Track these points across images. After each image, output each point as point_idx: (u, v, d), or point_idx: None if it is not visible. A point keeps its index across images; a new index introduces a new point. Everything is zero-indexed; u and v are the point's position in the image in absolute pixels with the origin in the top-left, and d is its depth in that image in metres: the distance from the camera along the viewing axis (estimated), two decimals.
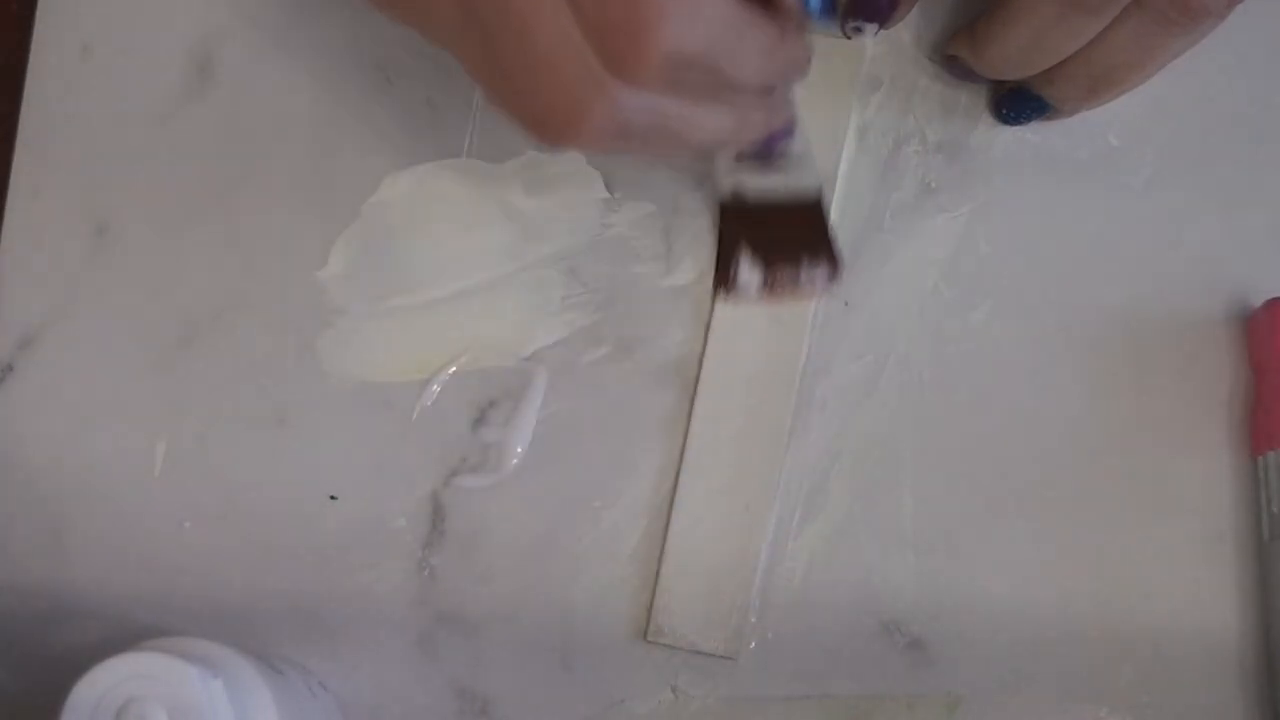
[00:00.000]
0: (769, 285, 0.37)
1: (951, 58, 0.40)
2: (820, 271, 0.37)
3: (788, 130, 0.36)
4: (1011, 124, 0.41)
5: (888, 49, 0.41)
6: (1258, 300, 0.40)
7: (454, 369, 0.41)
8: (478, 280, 0.41)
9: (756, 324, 0.40)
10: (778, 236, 0.37)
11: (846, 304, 0.41)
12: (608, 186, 0.41)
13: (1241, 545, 0.40)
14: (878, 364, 0.41)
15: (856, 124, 0.41)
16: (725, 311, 0.41)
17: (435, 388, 0.41)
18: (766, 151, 0.36)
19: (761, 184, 0.37)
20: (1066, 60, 0.37)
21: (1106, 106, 0.39)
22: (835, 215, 0.41)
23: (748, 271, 0.37)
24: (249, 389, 0.41)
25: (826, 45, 0.41)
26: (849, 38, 0.41)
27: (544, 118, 0.30)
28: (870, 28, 0.40)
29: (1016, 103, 0.40)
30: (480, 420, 0.41)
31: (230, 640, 0.36)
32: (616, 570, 0.41)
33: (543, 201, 0.42)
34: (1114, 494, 0.40)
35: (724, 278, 0.37)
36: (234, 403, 0.41)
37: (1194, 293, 0.41)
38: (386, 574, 0.41)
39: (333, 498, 0.41)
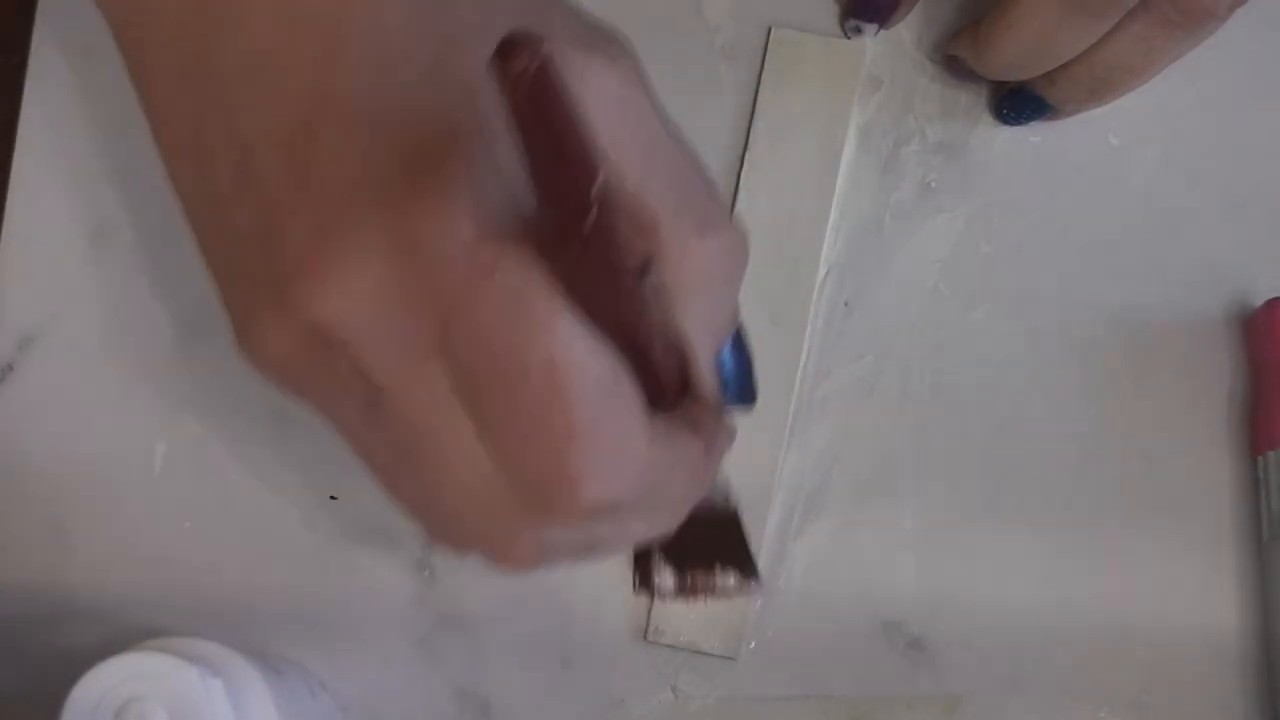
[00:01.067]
0: (686, 590, 0.38)
1: (952, 58, 0.40)
2: (735, 581, 0.37)
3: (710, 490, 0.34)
4: (1012, 124, 0.41)
5: (888, 49, 0.41)
6: (1258, 300, 0.40)
7: None
8: None
9: (757, 324, 0.40)
10: (695, 547, 0.37)
11: (846, 304, 0.41)
12: None
13: (1241, 545, 0.40)
14: (878, 364, 0.41)
15: (857, 124, 0.41)
16: None
17: None
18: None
19: None
20: (1068, 62, 0.37)
21: (1106, 106, 0.39)
22: (835, 215, 0.41)
23: (664, 577, 0.37)
24: (249, 389, 0.41)
25: (827, 45, 0.41)
26: (849, 38, 0.41)
27: (461, 543, 0.28)
28: (870, 28, 0.41)
29: (1017, 103, 0.40)
30: None
31: (230, 640, 0.36)
32: (616, 570, 0.40)
33: None
34: (1114, 494, 0.40)
35: (641, 580, 0.38)
36: (234, 403, 0.41)
37: (1194, 293, 0.41)
38: (386, 574, 0.41)
39: (333, 498, 0.41)
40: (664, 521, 0.31)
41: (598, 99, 0.25)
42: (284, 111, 0.26)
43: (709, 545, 0.37)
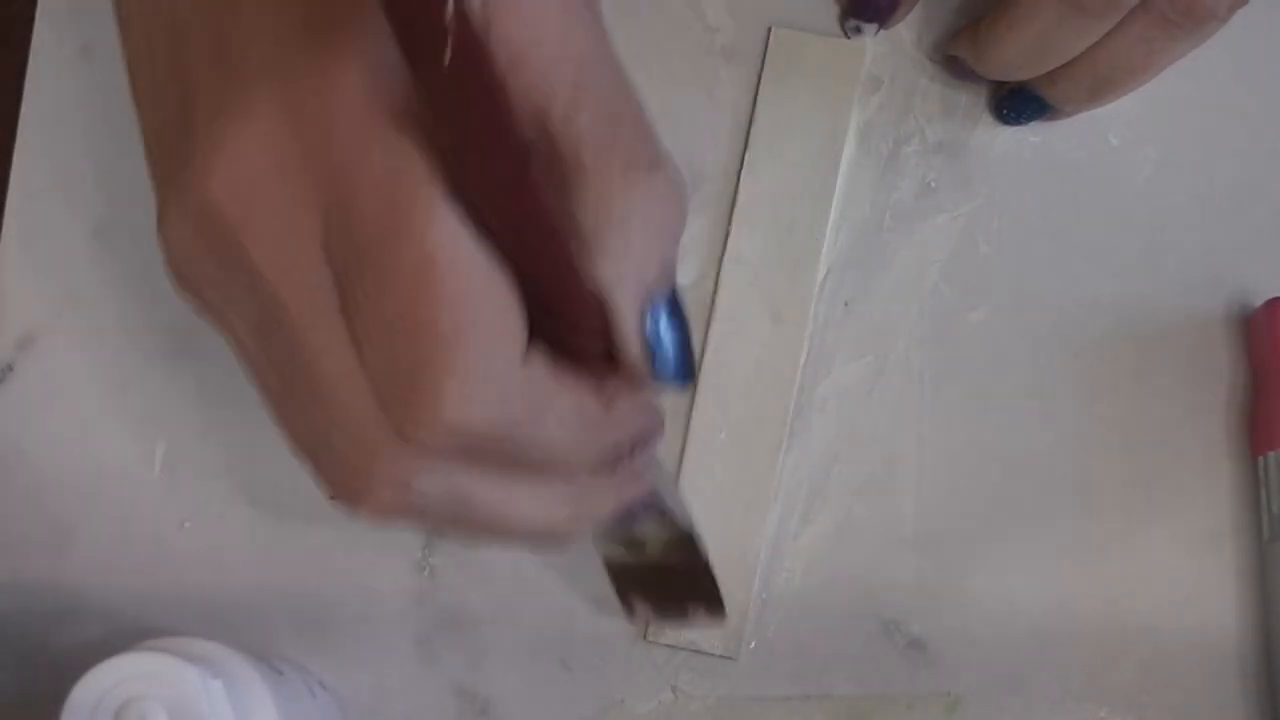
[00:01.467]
0: (661, 620, 0.39)
1: (952, 58, 0.40)
2: (703, 613, 0.38)
3: (644, 504, 0.32)
4: (1012, 124, 0.41)
5: (888, 49, 0.41)
6: (1258, 300, 0.40)
7: None
8: None
9: (756, 324, 0.40)
10: (663, 584, 0.37)
11: (846, 304, 0.41)
12: None
13: (1241, 545, 0.40)
14: (878, 364, 0.41)
15: (857, 124, 0.41)
16: (725, 311, 0.41)
17: None
18: (624, 524, 0.33)
19: (634, 543, 0.35)
20: (1069, 62, 0.37)
21: (1107, 106, 0.39)
22: (835, 215, 0.41)
23: (642, 612, 0.39)
24: (249, 389, 0.41)
25: (827, 45, 0.41)
26: (849, 38, 0.41)
27: (329, 478, 0.27)
28: (870, 28, 0.41)
29: (1017, 103, 0.40)
30: None
31: (230, 640, 0.36)
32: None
33: None
34: (1114, 494, 0.40)
35: (627, 612, 0.39)
36: (234, 403, 0.41)
37: (1194, 293, 0.41)
38: (386, 574, 0.41)
39: (333, 498, 0.41)
40: (560, 506, 0.28)
41: (530, 18, 0.24)
42: None
43: (675, 585, 0.37)
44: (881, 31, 0.41)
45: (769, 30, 0.41)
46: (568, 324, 0.25)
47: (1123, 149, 0.41)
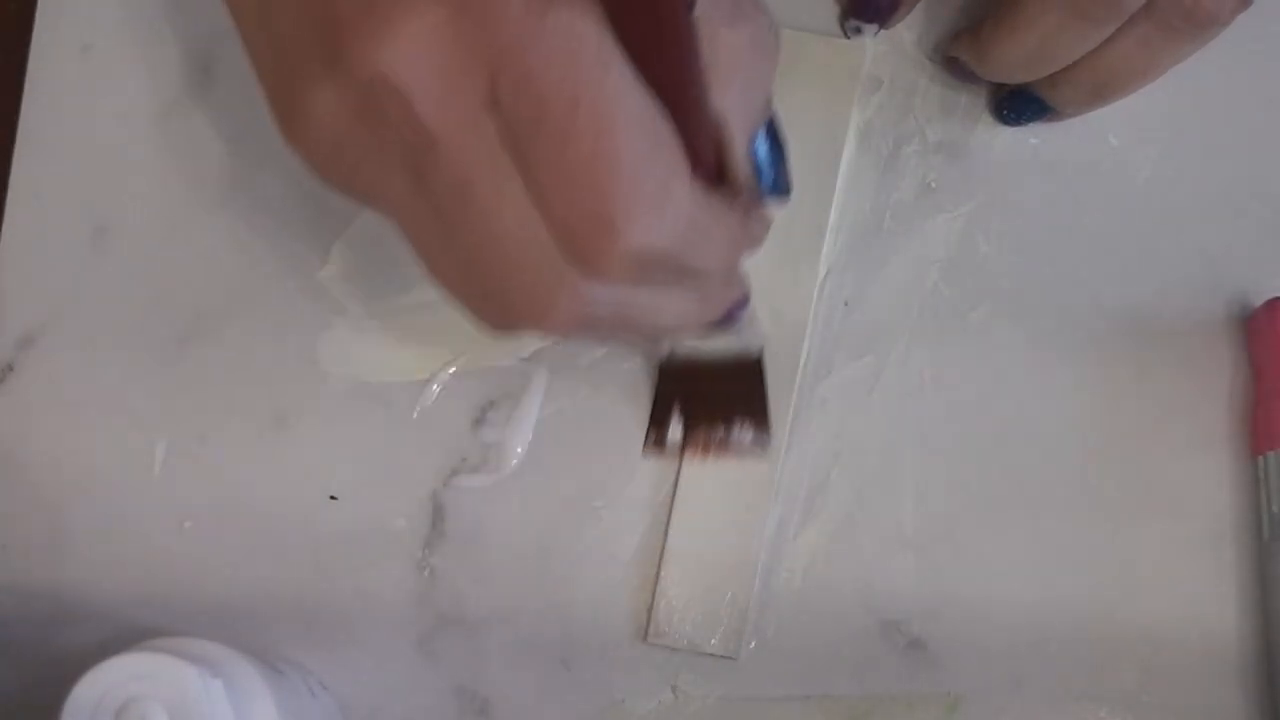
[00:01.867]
0: (698, 446, 0.39)
1: (953, 59, 0.40)
2: (750, 435, 0.38)
3: (744, 302, 0.35)
4: (1012, 125, 0.41)
5: (888, 49, 0.41)
6: (1258, 300, 0.40)
7: (454, 369, 0.41)
8: None
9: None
10: (713, 396, 0.38)
11: (846, 304, 0.41)
12: None
13: (1241, 545, 0.40)
14: (878, 364, 0.41)
15: (857, 124, 0.41)
16: None
17: (435, 388, 0.41)
18: (723, 325, 0.35)
19: (705, 345, 0.38)
20: (1070, 65, 0.37)
21: (1107, 107, 0.39)
22: (835, 215, 0.41)
23: (678, 432, 0.39)
24: (249, 389, 0.41)
25: (827, 45, 0.41)
26: (849, 38, 0.41)
27: (504, 307, 0.29)
28: (870, 28, 0.41)
29: (1017, 104, 0.40)
30: (480, 420, 0.41)
31: (230, 640, 0.36)
32: (616, 570, 0.41)
33: None
34: (1114, 494, 0.40)
35: (654, 435, 0.39)
36: (234, 403, 0.41)
37: (1194, 293, 0.41)
38: (386, 574, 0.41)
39: (333, 498, 0.41)
40: (696, 305, 0.32)
41: None
42: None
43: (727, 398, 0.37)
44: (881, 31, 0.41)
45: None
46: (697, 154, 0.28)
47: (1123, 149, 0.41)
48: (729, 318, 0.35)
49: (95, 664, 0.33)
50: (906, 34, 0.41)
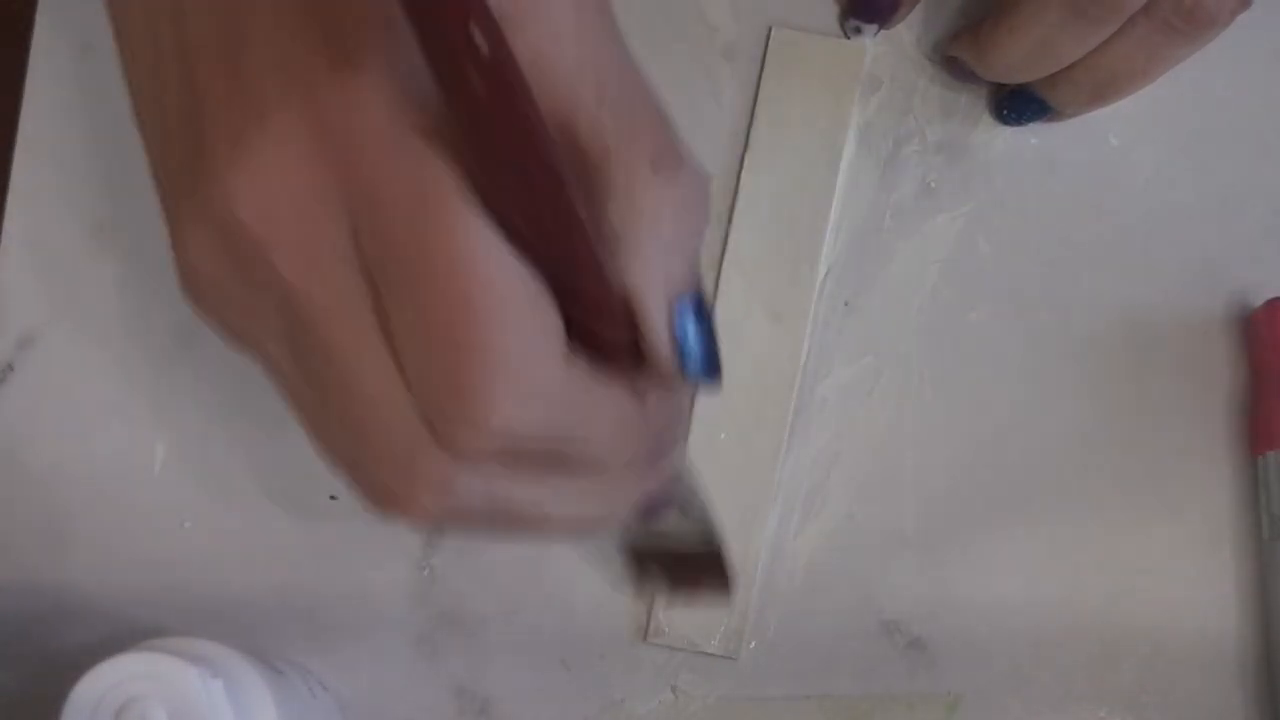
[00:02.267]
0: (671, 594, 0.39)
1: (952, 59, 0.40)
2: (712, 594, 0.37)
3: (668, 497, 0.32)
4: (1012, 125, 0.41)
5: (888, 49, 0.41)
6: (1258, 300, 0.40)
7: None
8: None
9: (756, 324, 0.40)
10: (676, 566, 0.37)
11: (846, 304, 0.41)
12: None
13: (1241, 545, 0.40)
14: (878, 364, 0.41)
15: (857, 124, 0.41)
16: (725, 312, 0.41)
17: None
18: (648, 517, 0.33)
19: (654, 531, 0.35)
20: (1070, 66, 0.37)
21: (1107, 107, 0.39)
22: (835, 215, 0.41)
23: (653, 583, 0.38)
24: (249, 389, 0.41)
25: (827, 45, 0.41)
26: (849, 38, 0.41)
27: (373, 488, 0.26)
28: (870, 28, 0.41)
29: (1017, 104, 0.40)
30: None
31: (230, 640, 0.36)
32: (616, 570, 0.40)
33: None
34: (1114, 494, 0.40)
35: (635, 585, 0.38)
36: (234, 403, 0.41)
37: (1194, 293, 0.41)
38: (386, 574, 0.41)
39: (333, 498, 0.41)
40: (593, 503, 0.28)
41: (549, 26, 0.24)
42: (221, 10, 0.25)
43: (696, 570, 0.37)
44: (881, 32, 0.41)
45: (769, 30, 0.41)
46: (596, 326, 0.26)
47: (1123, 149, 0.41)
48: (649, 510, 0.32)
49: (95, 664, 0.33)
50: (906, 34, 0.41)
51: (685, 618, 0.40)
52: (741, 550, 0.40)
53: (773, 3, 0.41)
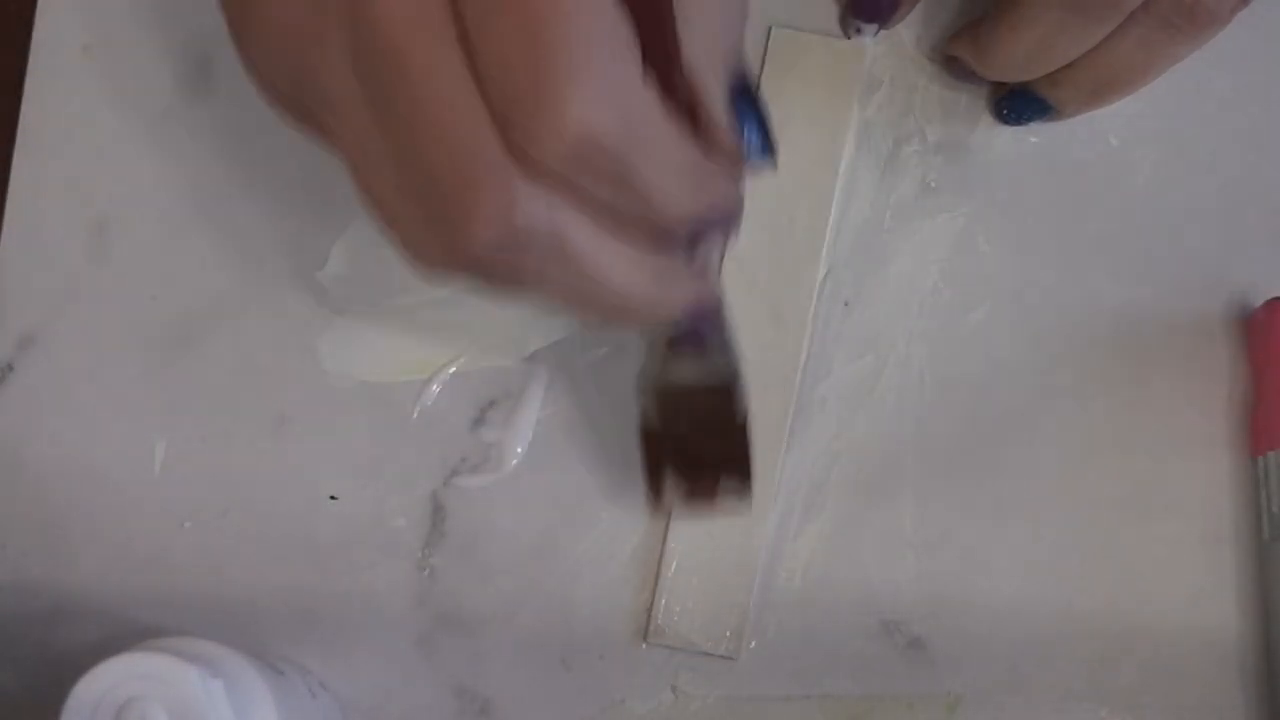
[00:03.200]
0: (689, 500, 0.37)
1: (952, 58, 0.40)
2: (734, 493, 0.37)
3: (714, 311, 0.33)
4: (1012, 124, 0.41)
5: (888, 49, 0.41)
6: (1258, 300, 0.40)
7: (454, 369, 0.41)
8: None
9: (756, 324, 0.40)
10: (696, 453, 0.36)
11: (846, 304, 0.41)
12: None
13: (1241, 545, 0.40)
14: (878, 364, 0.41)
15: (857, 124, 0.41)
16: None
17: (435, 388, 0.41)
18: (691, 337, 0.33)
19: (685, 377, 0.35)
20: (1070, 64, 0.37)
21: (1106, 107, 0.39)
22: (835, 215, 0.41)
23: (670, 490, 0.37)
24: (249, 389, 0.41)
25: (827, 45, 0.41)
26: (849, 38, 0.41)
27: (431, 217, 0.26)
28: (870, 28, 0.40)
29: (1017, 104, 0.40)
30: (480, 420, 0.41)
31: (230, 640, 0.36)
32: (616, 570, 0.41)
33: None
34: (1114, 494, 0.40)
35: (652, 494, 0.37)
36: (234, 403, 0.41)
37: (1194, 293, 0.41)
38: (386, 574, 0.41)
39: (333, 498, 0.41)
40: (648, 274, 0.28)
41: None
42: None
43: (715, 456, 0.37)
44: (881, 32, 0.41)
45: (769, 30, 0.41)
46: (664, 83, 0.26)
47: (1123, 149, 0.41)
48: (693, 322, 0.32)
49: (95, 664, 0.33)
50: (906, 34, 0.41)
51: (685, 618, 0.40)
52: (741, 550, 0.40)
53: (773, 3, 0.41)
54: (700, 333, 0.34)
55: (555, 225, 0.26)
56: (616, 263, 0.27)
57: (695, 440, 0.36)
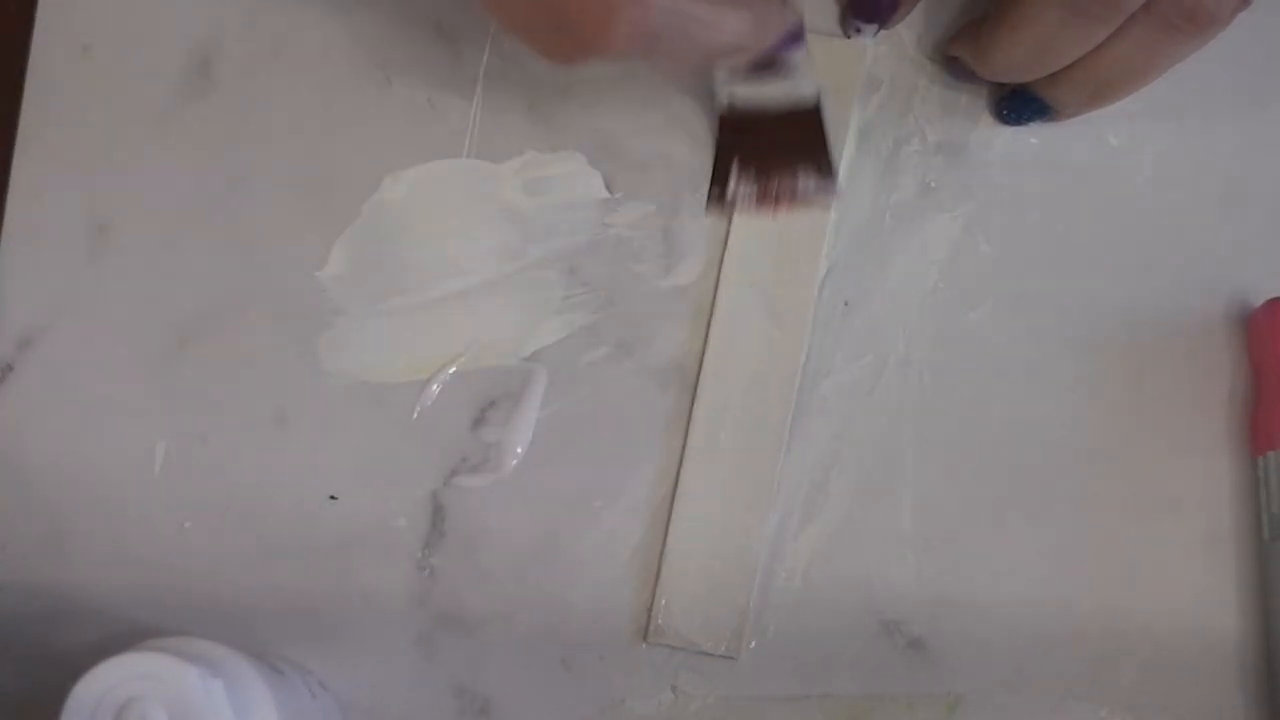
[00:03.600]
0: (762, 197, 0.38)
1: (952, 59, 0.40)
2: (814, 182, 0.38)
3: (797, 34, 0.36)
4: (1012, 124, 0.41)
5: (888, 49, 0.41)
6: (1258, 300, 0.40)
7: (454, 369, 0.41)
8: (478, 280, 0.41)
9: (756, 324, 0.40)
10: (774, 146, 0.38)
11: (846, 304, 0.41)
12: (608, 186, 0.41)
13: (1241, 545, 0.40)
14: (878, 364, 0.41)
15: (857, 124, 0.41)
16: (725, 311, 0.41)
17: (435, 388, 0.41)
18: (775, 58, 0.36)
19: (762, 93, 0.38)
20: (1070, 65, 0.37)
21: (1106, 107, 0.39)
22: (835, 215, 0.41)
23: (741, 184, 0.38)
24: (249, 389, 0.41)
25: (827, 45, 0.41)
26: (849, 38, 0.41)
27: (572, 24, 0.30)
28: (870, 28, 0.41)
29: (1017, 104, 0.40)
30: (480, 420, 0.41)
31: (230, 640, 0.36)
32: (616, 570, 0.41)
33: (542, 201, 0.42)
34: (1114, 494, 0.40)
35: (717, 191, 0.38)
36: (234, 403, 0.41)
37: (1194, 293, 0.41)
38: (386, 574, 0.41)
39: (333, 498, 0.41)
40: (750, 21, 0.33)
41: None
42: None
43: (787, 147, 0.38)
44: (881, 32, 0.41)
45: None
46: None
47: (1123, 149, 0.41)
48: (781, 49, 0.36)
49: (95, 664, 0.33)
50: (906, 34, 0.41)
51: (685, 618, 0.40)
52: (741, 550, 0.40)
53: None
54: (779, 55, 0.36)
55: (679, 16, 0.31)
56: (726, 21, 0.33)
57: (773, 144, 0.38)
